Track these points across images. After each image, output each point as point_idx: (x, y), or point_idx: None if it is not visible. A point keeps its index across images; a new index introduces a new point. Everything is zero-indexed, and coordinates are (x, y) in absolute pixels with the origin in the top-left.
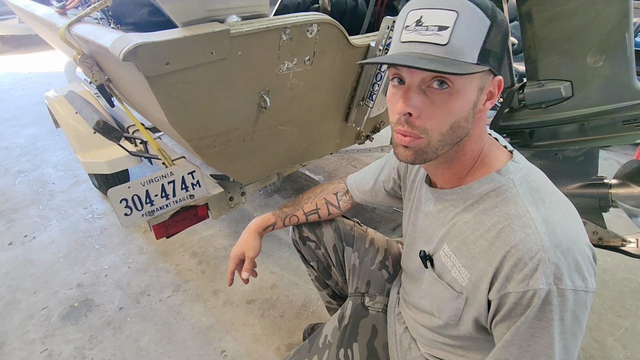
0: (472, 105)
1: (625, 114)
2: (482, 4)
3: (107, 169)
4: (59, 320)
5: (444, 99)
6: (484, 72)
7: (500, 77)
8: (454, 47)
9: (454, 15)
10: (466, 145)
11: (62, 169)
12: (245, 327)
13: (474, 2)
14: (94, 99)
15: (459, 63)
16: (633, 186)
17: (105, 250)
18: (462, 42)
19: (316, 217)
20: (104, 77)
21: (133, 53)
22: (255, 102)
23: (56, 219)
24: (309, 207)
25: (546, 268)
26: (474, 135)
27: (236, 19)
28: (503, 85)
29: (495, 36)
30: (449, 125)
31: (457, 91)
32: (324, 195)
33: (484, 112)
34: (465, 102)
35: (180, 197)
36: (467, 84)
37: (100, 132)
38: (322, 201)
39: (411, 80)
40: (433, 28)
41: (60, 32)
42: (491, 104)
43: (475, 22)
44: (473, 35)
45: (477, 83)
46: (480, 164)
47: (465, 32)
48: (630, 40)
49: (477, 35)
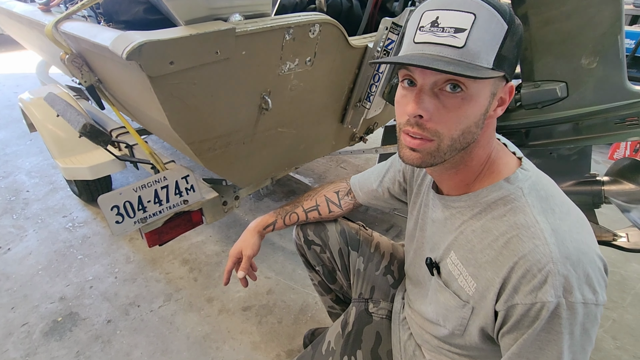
0: (484, 110)
1: (618, 113)
2: (501, 8)
3: (89, 175)
4: (42, 336)
5: (456, 103)
6: (497, 78)
7: (512, 83)
8: (470, 51)
9: (471, 17)
10: (473, 151)
11: (36, 175)
12: (243, 335)
13: (492, 5)
14: (74, 101)
15: (475, 67)
16: (624, 182)
17: (88, 261)
18: (479, 45)
19: (316, 214)
20: (94, 77)
21: (137, 52)
22: (256, 104)
23: (33, 229)
24: (309, 204)
25: (555, 281)
26: (482, 141)
27: (239, 18)
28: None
29: (511, 41)
30: (460, 130)
31: (471, 96)
32: (324, 192)
33: (494, 118)
34: (477, 108)
35: (174, 202)
36: (481, 89)
37: (87, 136)
38: (322, 198)
39: (424, 82)
40: (449, 30)
41: (47, 30)
42: (502, 110)
43: (492, 25)
44: (490, 39)
45: (490, 88)
46: (487, 170)
47: (483, 36)
48: (622, 43)
49: (494, 40)
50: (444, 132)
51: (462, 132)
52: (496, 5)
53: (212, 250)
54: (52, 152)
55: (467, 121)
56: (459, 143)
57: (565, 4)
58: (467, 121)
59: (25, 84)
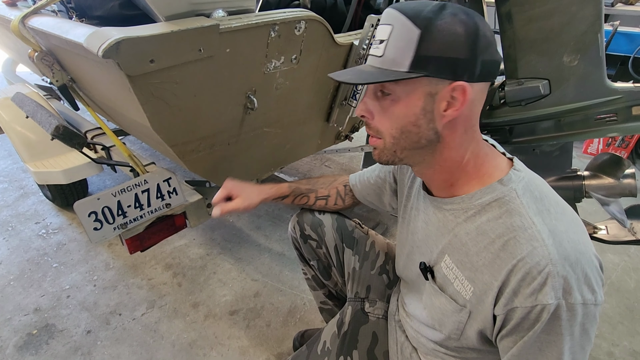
0: (421, 110)
1: (598, 110)
2: (415, 15)
3: (63, 179)
4: (16, 351)
5: (387, 104)
6: (432, 79)
7: (461, 82)
8: (387, 58)
9: (389, 28)
10: (444, 152)
11: (4, 180)
12: (231, 340)
13: (405, 14)
14: (44, 102)
15: (392, 72)
16: (604, 177)
17: (64, 269)
18: (393, 52)
19: (323, 203)
20: (67, 76)
21: (114, 49)
22: (241, 103)
23: (2, 237)
24: (322, 193)
25: (555, 282)
26: (451, 142)
27: (222, 14)
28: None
29: (432, 43)
30: (397, 129)
31: (399, 97)
32: (337, 184)
33: (459, 120)
34: (407, 108)
35: (155, 206)
36: (409, 91)
37: (60, 138)
38: (335, 190)
39: (367, 87)
40: (376, 42)
41: (13, 26)
42: (454, 110)
43: (404, 32)
44: (403, 45)
45: (422, 89)
46: (475, 172)
47: (397, 43)
48: (602, 41)
49: (408, 45)
50: (383, 130)
51: (402, 131)
52: (409, 13)
53: (196, 253)
54: (22, 155)
55: (400, 121)
56: (403, 141)
57: (548, 3)
58: (401, 121)
59: None
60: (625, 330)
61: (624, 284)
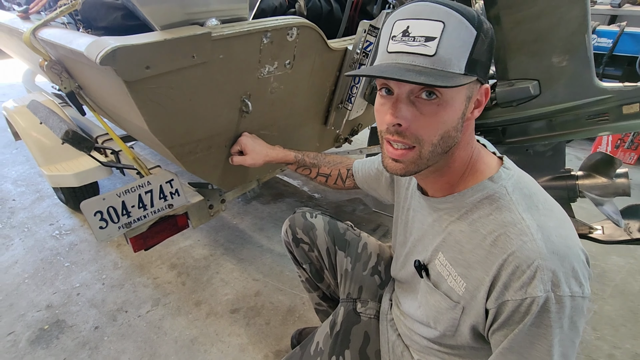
0: (461, 114)
1: (588, 109)
2: (468, 14)
3: (75, 182)
4: (28, 345)
5: (433, 109)
6: (471, 82)
7: (487, 85)
8: (441, 58)
9: (440, 25)
10: (455, 153)
11: (22, 184)
12: (231, 337)
13: (459, 12)
14: (59, 109)
15: (447, 74)
16: (597, 177)
17: (75, 268)
18: (449, 52)
19: (324, 180)
20: (74, 84)
21: (111, 57)
22: (236, 107)
23: (19, 238)
24: (324, 170)
25: (544, 275)
26: (463, 143)
27: (216, 22)
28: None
29: (482, 45)
30: (439, 135)
31: (446, 102)
32: (340, 167)
33: (472, 120)
34: (453, 112)
35: (158, 207)
36: (456, 94)
37: (70, 142)
38: (337, 171)
39: (400, 91)
40: (420, 39)
41: (25, 37)
42: (479, 112)
43: (462, 32)
44: (460, 45)
45: (465, 93)
46: (471, 170)
47: (453, 43)
48: (589, 42)
49: (464, 46)
50: (423, 137)
51: (442, 137)
52: (463, 12)
53: (200, 254)
54: (37, 160)
55: (444, 126)
56: (439, 147)
57: (536, 5)
58: (445, 126)
59: (11, 93)
60: (628, 333)
61: (628, 286)
